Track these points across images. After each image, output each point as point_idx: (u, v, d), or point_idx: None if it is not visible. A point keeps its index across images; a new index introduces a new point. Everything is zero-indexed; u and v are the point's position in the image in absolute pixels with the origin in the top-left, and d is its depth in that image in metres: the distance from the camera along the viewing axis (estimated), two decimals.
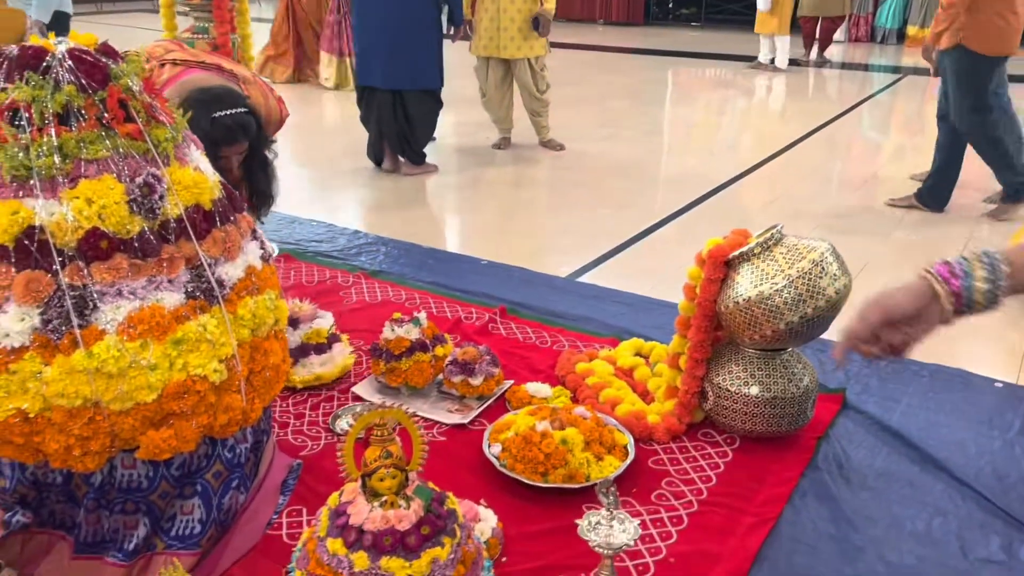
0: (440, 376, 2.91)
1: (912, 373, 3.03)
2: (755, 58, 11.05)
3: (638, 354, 3.08)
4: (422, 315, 2.97)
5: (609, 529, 1.77)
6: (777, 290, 2.37)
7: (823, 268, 2.38)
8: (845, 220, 4.93)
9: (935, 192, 5.06)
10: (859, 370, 3.04)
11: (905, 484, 2.43)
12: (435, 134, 6.82)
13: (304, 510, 2.29)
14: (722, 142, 7.50)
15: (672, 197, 5.42)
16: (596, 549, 1.77)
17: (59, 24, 4.86)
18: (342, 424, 2.71)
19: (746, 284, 2.43)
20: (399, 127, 5.71)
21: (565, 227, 4.90)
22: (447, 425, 2.69)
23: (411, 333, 2.90)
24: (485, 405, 2.80)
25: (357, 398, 2.89)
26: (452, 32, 6.39)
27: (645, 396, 2.82)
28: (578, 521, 1.82)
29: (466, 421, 2.72)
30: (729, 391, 2.52)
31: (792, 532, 2.23)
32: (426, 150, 6.01)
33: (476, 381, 2.80)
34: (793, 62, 11.44)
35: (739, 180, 5.86)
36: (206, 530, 2.06)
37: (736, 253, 2.48)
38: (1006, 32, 4.63)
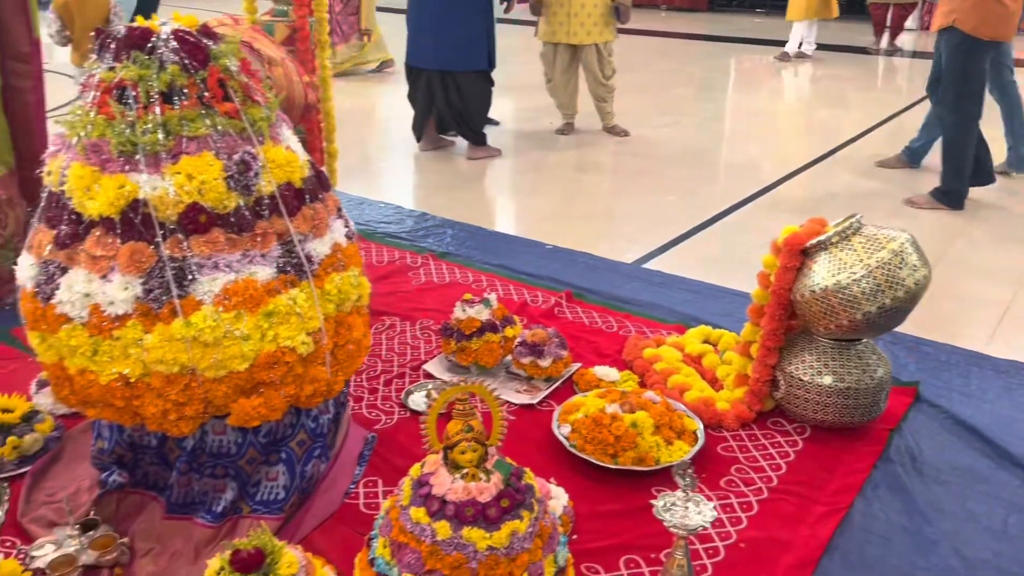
0: (509, 357, 2.95)
1: (988, 368, 2.98)
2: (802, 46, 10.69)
3: (706, 341, 3.08)
4: (492, 296, 3.02)
5: (684, 511, 1.79)
6: (855, 280, 2.35)
7: (903, 258, 2.35)
8: (911, 216, 4.82)
9: (975, 172, 4.98)
10: (933, 364, 3.00)
11: (980, 479, 2.40)
12: (499, 119, 6.87)
13: (380, 481, 2.36)
14: (787, 131, 7.38)
15: (737, 185, 5.37)
16: (671, 530, 1.80)
17: (147, 5, 5.00)
18: (414, 400, 2.77)
19: (823, 273, 2.42)
20: (453, 108, 5.79)
21: (629, 213, 4.90)
22: (515, 405, 2.73)
23: (482, 314, 2.95)
24: (553, 387, 2.84)
25: (428, 375, 2.95)
26: (505, 6, 6.46)
27: (714, 383, 2.83)
28: (653, 502, 1.84)
29: (534, 402, 2.76)
30: (802, 380, 2.51)
31: (864, 523, 2.22)
32: (489, 135, 6.05)
33: (544, 363, 2.84)
34: (861, 50, 11.17)
35: (805, 170, 5.77)
36: (289, 496, 2.14)
37: (813, 241, 2.46)
38: (1002, 16, 4.54)
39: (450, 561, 1.68)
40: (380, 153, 6.26)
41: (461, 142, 6.20)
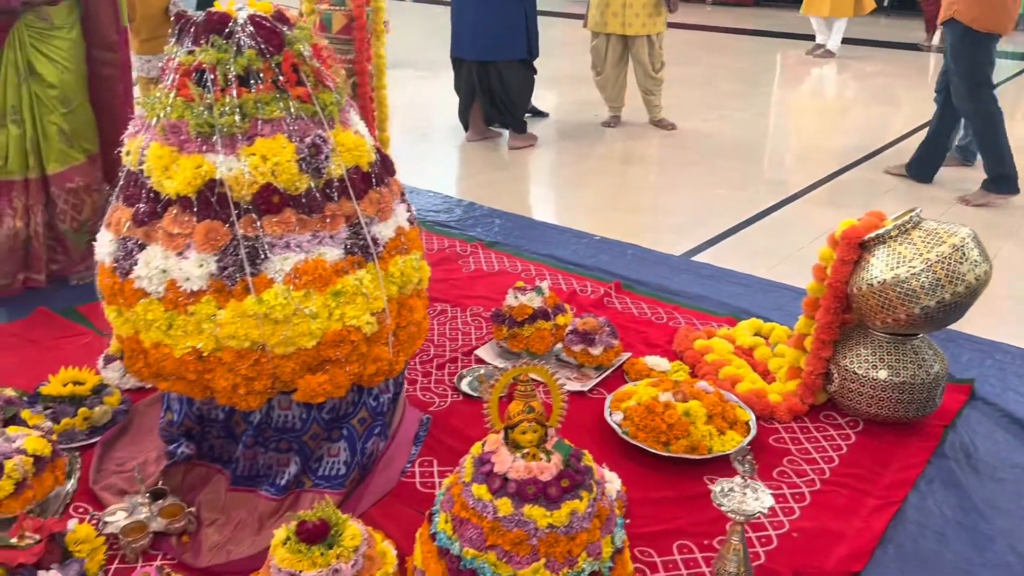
0: (559, 344, 2.98)
1: None
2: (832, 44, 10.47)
3: (757, 334, 3.08)
4: (544, 284, 3.05)
5: (742, 496, 1.81)
6: (914, 273, 2.34)
7: (964, 253, 2.34)
8: (962, 212, 4.75)
9: (921, 163, 5.18)
10: (988, 362, 2.97)
11: None
12: (546, 110, 6.89)
13: (435, 461, 2.41)
14: (836, 127, 7.29)
15: (786, 180, 5.33)
16: (728, 515, 1.82)
17: None
18: (466, 384, 2.82)
19: (881, 266, 2.41)
20: (495, 97, 5.84)
21: (677, 206, 4.89)
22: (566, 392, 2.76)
23: (534, 301, 2.98)
24: (603, 375, 2.86)
25: (480, 360, 3.00)
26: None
27: (765, 376, 2.83)
28: (711, 487, 1.87)
29: (585, 389, 2.79)
30: (856, 374, 2.51)
31: (918, 517, 2.22)
32: (537, 127, 6.08)
33: (596, 351, 2.87)
34: (912, 47, 10.97)
35: (854, 167, 5.70)
36: (350, 472, 2.19)
37: (872, 235, 2.46)
38: (1001, 8, 4.51)
39: (511, 537, 1.72)
40: (428, 142, 6.31)
41: (508, 133, 6.23)
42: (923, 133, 5.39)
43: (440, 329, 3.21)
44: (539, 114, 6.77)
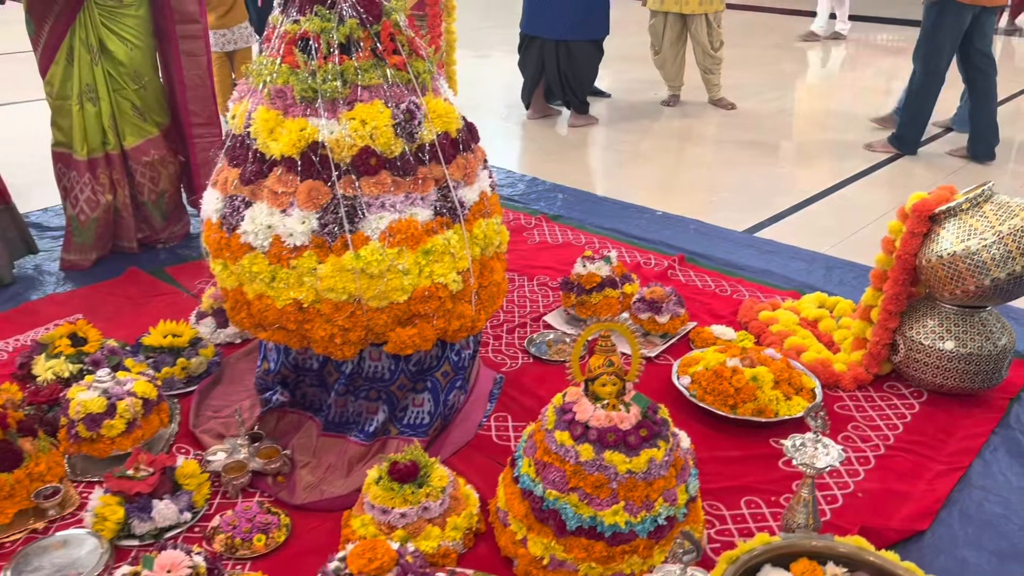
0: (626, 312, 3.07)
1: None
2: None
3: (822, 307, 3.13)
4: (612, 254, 3.14)
5: (814, 451, 1.89)
6: (985, 245, 2.38)
7: None
8: None
9: (977, 142, 5.23)
10: None
11: None
12: (607, 90, 6.93)
13: (509, 417, 2.53)
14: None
15: (849, 160, 5.31)
16: (800, 468, 1.89)
17: None
18: (535, 347, 2.93)
19: (951, 239, 2.45)
20: (562, 76, 5.90)
21: (739, 184, 4.92)
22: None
23: (602, 270, 3.07)
24: (669, 342, 2.95)
25: (548, 326, 3.10)
26: None
27: (830, 347, 2.88)
28: (783, 441, 1.94)
29: (652, 355, 2.88)
30: (923, 344, 2.56)
31: (983, 483, 2.27)
32: (596, 106, 6.13)
33: (662, 319, 2.95)
34: None
35: (920, 148, 5.65)
36: (433, 422, 2.32)
37: (943, 208, 2.49)
38: None
39: (592, 480, 1.82)
40: (490, 119, 6.41)
41: (567, 111, 6.30)
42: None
43: (509, 296, 3.32)
44: (600, 94, 6.81)
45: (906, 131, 5.30)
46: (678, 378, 2.63)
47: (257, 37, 5.54)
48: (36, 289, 3.37)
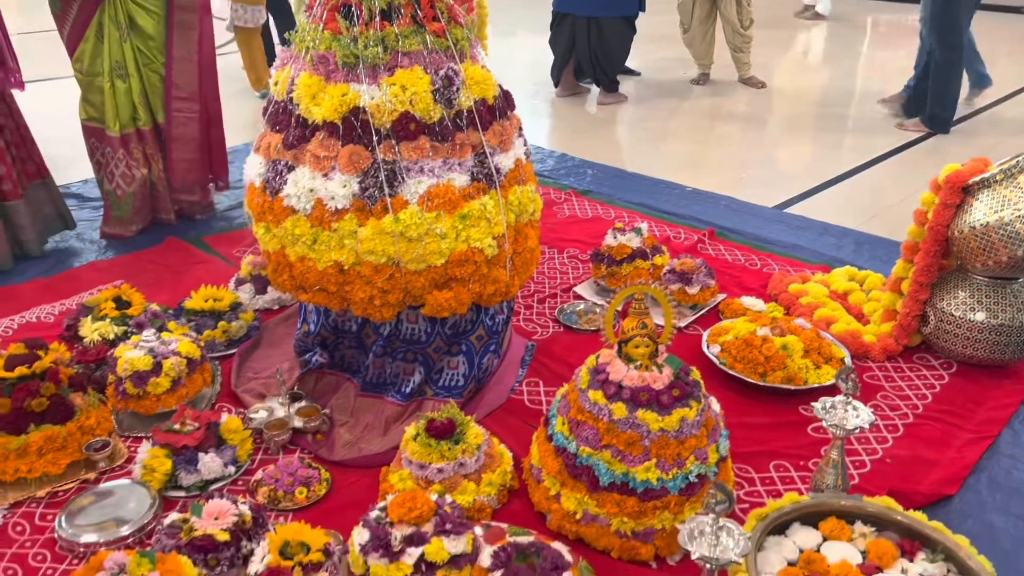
0: (656, 284, 3.09)
1: None
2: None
3: (852, 280, 3.14)
4: (643, 225, 3.17)
5: (844, 413, 1.92)
6: (1019, 216, 2.38)
7: None
8: None
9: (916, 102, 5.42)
10: None
11: None
12: (637, 69, 6.92)
13: (541, 382, 2.58)
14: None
15: (879, 138, 5.27)
16: (830, 430, 1.93)
17: None
18: (566, 317, 2.97)
19: (984, 209, 2.45)
20: (593, 53, 5.90)
21: (769, 161, 4.92)
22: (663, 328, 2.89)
23: (632, 241, 3.11)
24: (699, 313, 2.98)
25: (578, 297, 3.14)
26: None
27: (860, 319, 2.90)
28: (813, 403, 1.98)
29: (682, 325, 2.91)
30: (953, 315, 2.57)
31: (1012, 451, 2.29)
32: (626, 84, 6.13)
33: (692, 290, 2.98)
34: (1015, 10, 10.51)
35: (953, 128, 5.59)
36: (467, 384, 2.38)
37: (976, 179, 2.50)
38: None
39: (625, 438, 1.87)
40: (518, 96, 6.41)
41: (596, 88, 6.30)
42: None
43: (539, 268, 3.36)
44: (630, 72, 6.80)
45: (937, 110, 5.26)
46: (708, 347, 2.67)
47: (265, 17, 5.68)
48: (79, 257, 3.47)
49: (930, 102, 5.30)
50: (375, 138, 2.09)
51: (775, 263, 3.40)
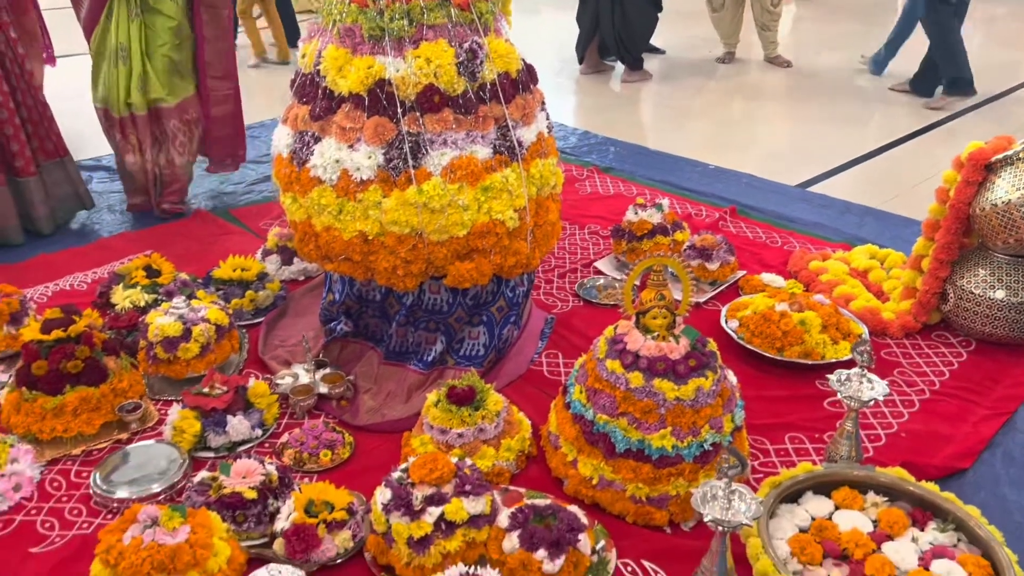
0: (676, 256, 3.11)
1: None
2: None
3: (872, 259, 3.14)
4: (664, 201, 3.19)
5: (859, 385, 1.94)
6: None
7: None
8: None
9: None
10: None
11: None
12: (662, 47, 6.89)
13: (560, 354, 2.62)
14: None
15: (905, 118, 5.23)
16: (844, 401, 1.95)
17: None
18: (585, 292, 3.00)
19: (1007, 187, 2.45)
20: (616, 31, 5.89)
21: (793, 140, 4.90)
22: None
23: (653, 217, 3.13)
24: (719, 289, 3.00)
25: (598, 272, 3.17)
26: None
27: (879, 296, 2.90)
28: (829, 376, 2.00)
29: (701, 300, 2.93)
30: (973, 293, 2.57)
31: None
32: (651, 63, 6.12)
33: (712, 266, 3.00)
34: None
35: (974, 110, 5.53)
36: (487, 354, 2.42)
37: (999, 157, 2.49)
38: None
39: (641, 406, 1.91)
40: (541, 73, 6.43)
41: (620, 66, 6.29)
42: None
43: (560, 243, 3.39)
44: (655, 51, 6.77)
45: (954, 73, 5.34)
46: (726, 322, 2.69)
47: None
48: (108, 227, 3.54)
49: (943, 70, 5.39)
50: (400, 110, 2.13)
51: (796, 241, 3.41)
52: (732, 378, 2.12)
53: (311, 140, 2.20)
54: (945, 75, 5.39)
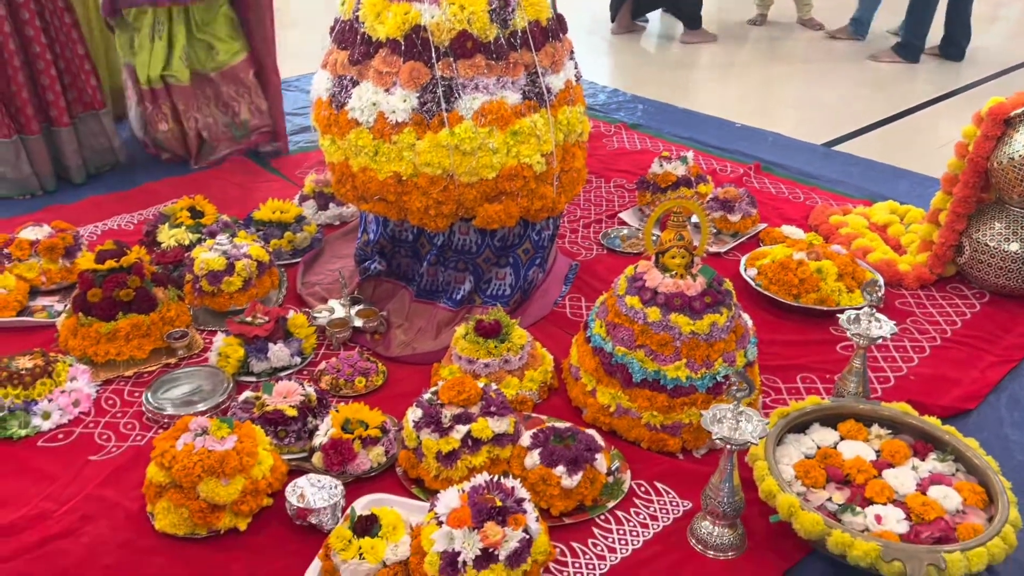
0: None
1: None
2: None
3: (893, 214, 3.20)
4: (689, 154, 3.26)
5: (868, 324, 2.03)
6: None
7: None
8: None
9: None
10: None
11: None
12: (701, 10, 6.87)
13: (583, 298, 2.73)
14: (993, 32, 6.93)
15: (933, 83, 5.22)
16: (854, 339, 2.04)
17: None
18: (609, 241, 3.10)
19: None
20: None
21: (820, 101, 4.91)
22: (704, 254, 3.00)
23: (678, 169, 3.21)
24: (739, 240, 3.08)
25: (622, 223, 3.26)
26: None
27: (897, 250, 2.97)
28: (839, 315, 2.09)
29: (722, 251, 3.02)
30: (988, 246, 2.63)
31: None
32: (679, 27, 6.13)
33: (734, 218, 3.08)
34: None
35: (1005, 74, 5.49)
36: (513, 294, 2.54)
37: (1018, 111, 2.54)
38: None
39: (658, 339, 2.01)
40: (573, 30, 6.46)
41: (651, 27, 6.31)
42: None
43: (586, 195, 3.48)
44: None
45: (912, 37, 5.48)
46: (745, 270, 2.78)
47: None
48: (151, 174, 3.67)
49: (906, 28, 5.54)
50: (434, 55, 2.23)
51: (818, 197, 3.47)
52: (747, 318, 2.22)
53: (349, 84, 2.31)
54: (903, 35, 5.55)
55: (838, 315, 2.10)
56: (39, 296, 2.66)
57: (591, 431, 1.96)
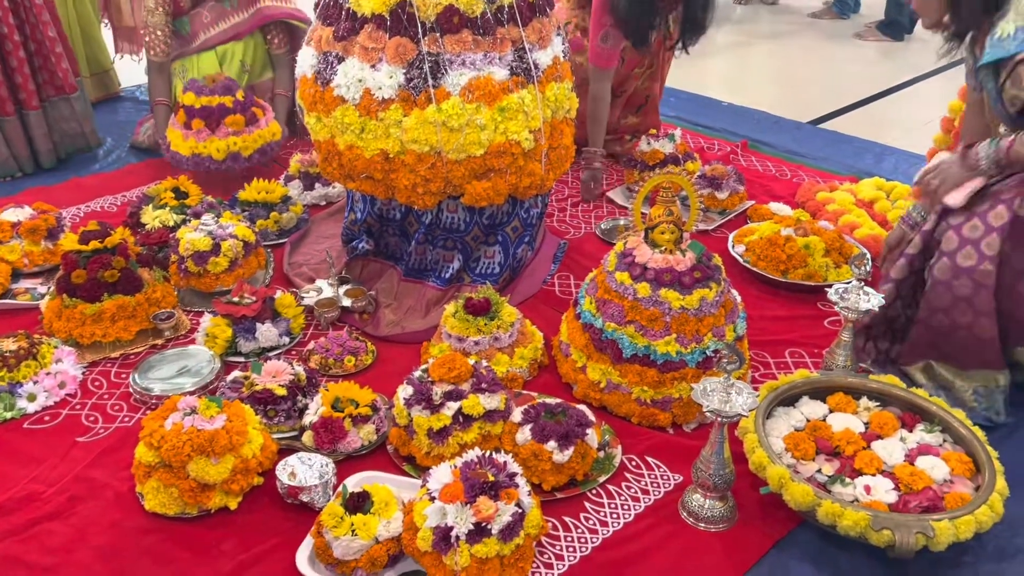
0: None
1: None
2: None
3: (879, 190, 3.21)
4: (677, 132, 3.26)
5: (856, 297, 2.04)
6: None
7: None
8: None
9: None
10: None
11: None
12: None
13: (571, 276, 2.72)
14: None
15: (918, 59, 5.23)
16: (842, 312, 2.05)
17: None
18: (604, 234, 3.07)
19: None
20: None
21: (807, 79, 4.92)
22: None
23: (666, 147, 3.20)
24: (727, 217, 3.08)
25: (610, 201, 3.26)
26: None
27: (884, 226, 2.98)
28: (827, 289, 2.10)
29: (709, 228, 3.02)
30: None
31: None
32: None
33: (722, 195, 3.08)
34: None
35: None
36: (502, 272, 2.53)
37: None
38: None
39: (647, 314, 2.01)
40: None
41: None
42: None
43: (573, 175, 3.46)
44: None
45: (895, 14, 5.50)
46: (733, 247, 2.78)
47: None
48: (136, 155, 3.64)
49: (888, 8, 5.56)
50: (420, 31, 2.20)
51: (805, 174, 3.47)
52: (736, 294, 2.22)
53: (334, 60, 2.28)
54: (887, 14, 5.58)
55: (826, 290, 2.12)
56: (21, 278, 2.63)
57: (582, 407, 1.97)
